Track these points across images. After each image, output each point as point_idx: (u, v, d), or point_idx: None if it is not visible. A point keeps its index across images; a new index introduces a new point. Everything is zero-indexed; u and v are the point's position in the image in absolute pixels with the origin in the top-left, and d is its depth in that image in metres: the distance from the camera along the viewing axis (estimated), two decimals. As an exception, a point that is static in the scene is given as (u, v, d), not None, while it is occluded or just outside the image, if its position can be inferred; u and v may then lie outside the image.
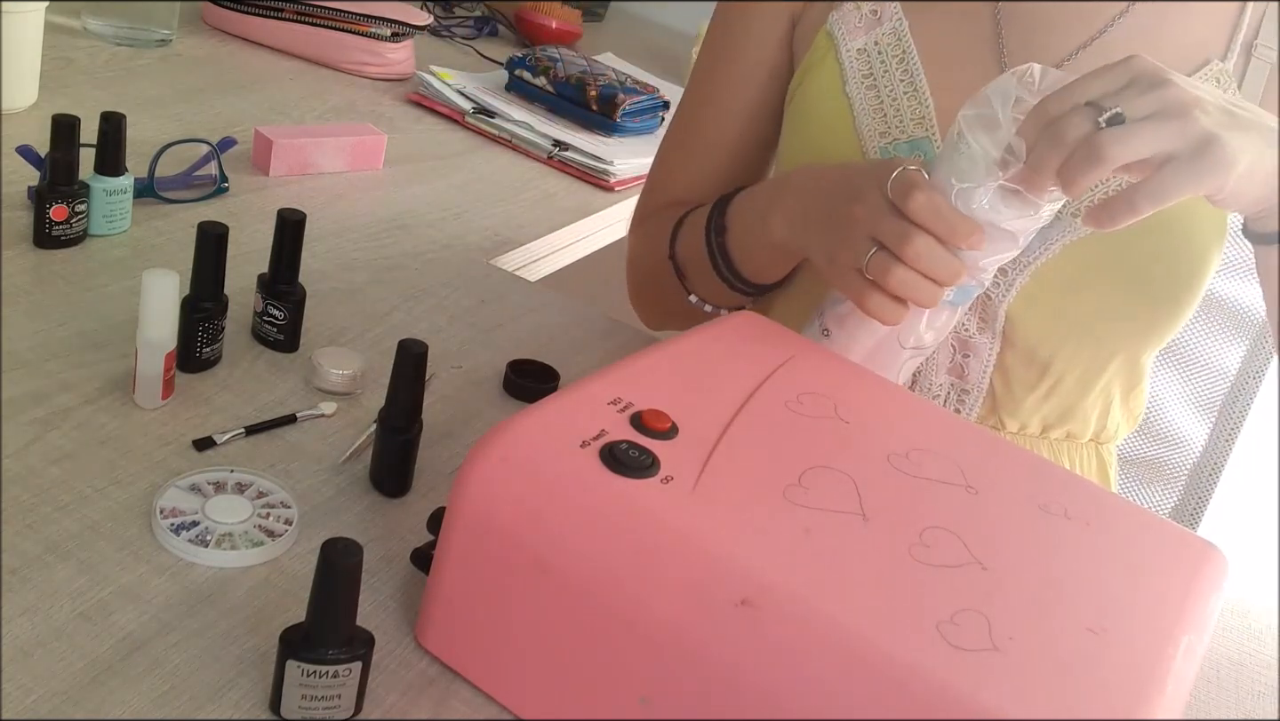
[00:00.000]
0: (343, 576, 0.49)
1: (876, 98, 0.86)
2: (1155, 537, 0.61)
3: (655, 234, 0.96)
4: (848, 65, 0.88)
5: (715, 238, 0.87)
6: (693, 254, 0.90)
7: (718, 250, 0.87)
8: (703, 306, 0.92)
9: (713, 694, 0.49)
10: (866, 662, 0.46)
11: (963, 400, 0.88)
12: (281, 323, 0.79)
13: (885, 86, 0.86)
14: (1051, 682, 0.47)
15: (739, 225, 0.86)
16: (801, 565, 0.50)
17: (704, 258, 0.88)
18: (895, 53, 0.87)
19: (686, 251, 0.91)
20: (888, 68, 0.87)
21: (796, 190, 0.80)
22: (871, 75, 0.87)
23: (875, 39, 0.87)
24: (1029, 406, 0.87)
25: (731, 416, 0.59)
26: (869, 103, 0.86)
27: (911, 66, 0.86)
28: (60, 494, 0.62)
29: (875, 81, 0.87)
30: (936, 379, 0.87)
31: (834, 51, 0.89)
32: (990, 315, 0.83)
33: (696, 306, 0.92)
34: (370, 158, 1.16)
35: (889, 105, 0.86)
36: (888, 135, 0.85)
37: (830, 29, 0.89)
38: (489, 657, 0.55)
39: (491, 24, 1.77)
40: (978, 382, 0.87)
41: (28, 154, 0.90)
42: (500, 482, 0.53)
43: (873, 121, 0.86)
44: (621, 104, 1.40)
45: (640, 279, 1.02)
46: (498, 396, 0.83)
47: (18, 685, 0.51)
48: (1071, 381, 0.86)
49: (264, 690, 0.54)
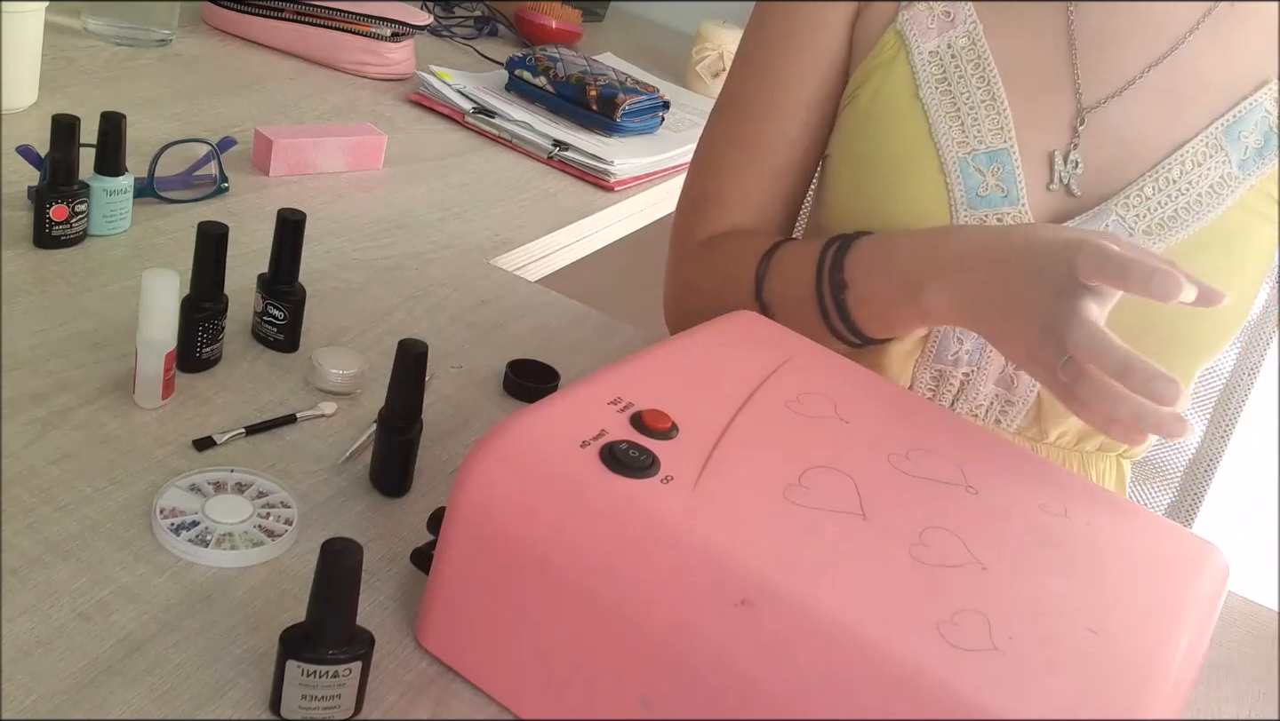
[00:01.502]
0: (343, 576, 0.49)
1: (953, 104, 0.84)
2: (1155, 537, 0.61)
3: (722, 266, 0.89)
4: (920, 69, 0.85)
5: (834, 294, 0.80)
6: (792, 301, 0.83)
7: (835, 307, 0.80)
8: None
9: (713, 694, 0.49)
10: (866, 662, 0.46)
11: (1006, 411, 0.87)
12: (281, 323, 0.79)
13: (961, 93, 0.84)
14: (1051, 682, 0.47)
15: (869, 284, 0.79)
16: (801, 565, 0.50)
17: (812, 309, 0.82)
18: (970, 57, 0.84)
19: (781, 297, 0.84)
20: (963, 74, 0.84)
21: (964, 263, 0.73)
22: (946, 81, 0.84)
23: (949, 41, 0.85)
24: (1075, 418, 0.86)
25: (731, 416, 0.59)
26: (945, 109, 0.84)
27: (988, 74, 0.83)
28: (60, 494, 0.62)
29: (950, 87, 0.84)
30: (984, 389, 0.86)
31: (905, 53, 0.85)
32: None
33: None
34: (370, 158, 1.16)
35: (966, 113, 0.83)
36: (966, 145, 0.83)
37: (900, 29, 0.86)
38: (489, 657, 0.55)
39: (491, 24, 1.77)
40: (1024, 396, 0.85)
41: (28, 154, 0.90)
42: (500, 482, 0.53)
43: (950, 130, 0.83)
44: (621, 104, 1.40)
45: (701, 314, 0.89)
46: (498, 396, 0.83)
47: (18, 685, 0.51)
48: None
49: (264, 690, 0.54)
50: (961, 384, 0.86)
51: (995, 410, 0.87)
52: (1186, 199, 0.82)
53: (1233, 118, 0.83)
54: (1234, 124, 0.83)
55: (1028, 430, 0.88)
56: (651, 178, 1.38)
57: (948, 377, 0.86)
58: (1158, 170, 0.82)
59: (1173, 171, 0.82)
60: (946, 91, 0.84)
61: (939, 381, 0.87)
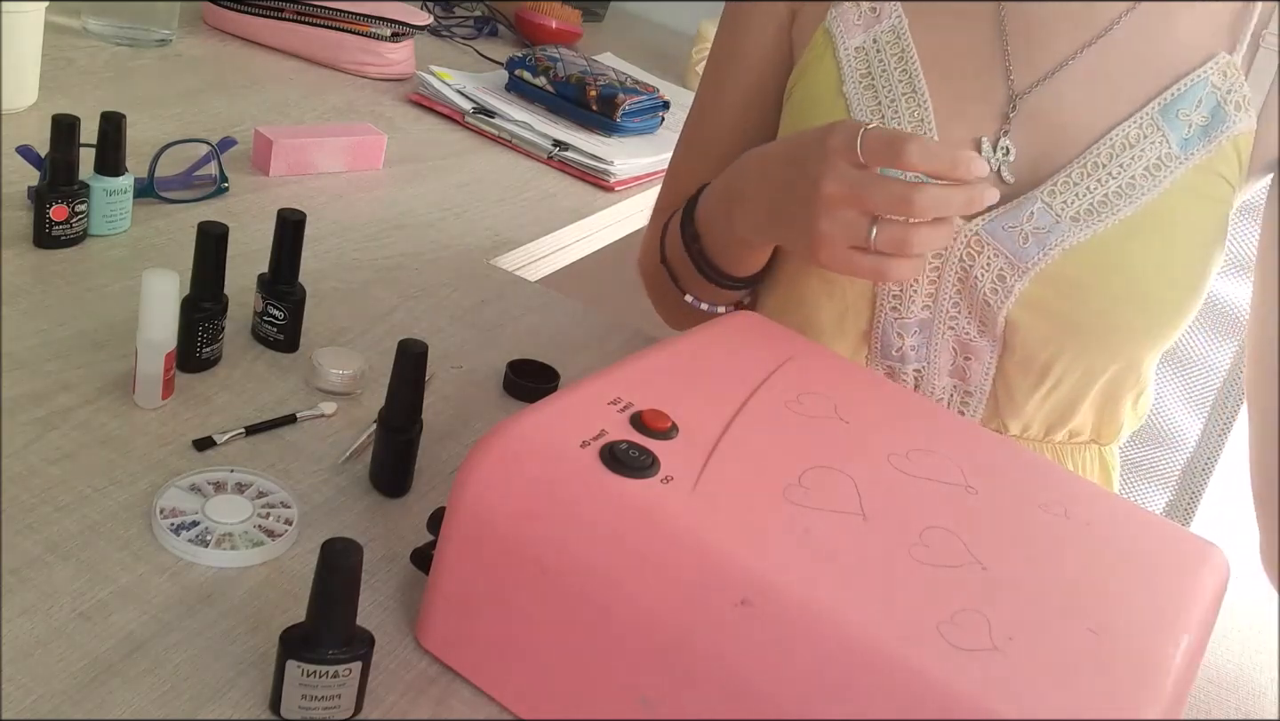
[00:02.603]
0: (343, 576, 0.49)
1: (874, 99, 0.86)
2: (1155, 537, 0.61)
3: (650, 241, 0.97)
4: (845, 64, 0.87)
5: (692, 244, 0.88)
6: (678, 257, 0.91)
7: (697, 255, 0.88)
8: (698, 305, 0.92)
9: (713, 694, 0.49)
10: (866, 662, 0.46)
11: (966, 402, 0.88)
12: (281, 323, 0.79)
13: (884, 87, 0.85)
14: (1051, 682, 0.47)
15: (709, 228, 0.87)
16: (801, 565, 0.50)
17: (688, 262, 0.89)
18: (894, 52, 0.86)
19: (673, 255, 0.92)
20: (886, 68, 0.86)
21: (750, 180, 0.80)
22: (870, 75, 0.86)
23: (874, 36, 0.87)
24: (1030, 409, 0.87)
25: (731, 416, 0.59)
26: (867, 103, 0.86)
27: (910, 67, 0.85)
28: (60, 494, 0.62)
29: (874, 81, 0.86)
30: (939, 381, 0.87)
31: (832, 50, 0.88)
32: (990, 319, 0.83)
33: (693, 306, 0.92)
34: (370, 158, 1.16)
35: (887, 106, 0.85)
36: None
37: (829, 26, 0.88)
38: (489, 657, 0.55)
39: (491, 24, 1.77)
40: (979, 385, 0.86)
41: (28, 154, 0.90)
42: (500, 482, 0.53)
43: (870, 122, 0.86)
44: (621, 104, 1.40)
45: (647, 279, 1.02)
46: (498, 396, 0.83)
47: (18, 685, 0.51)
48: (1071, 385, 0.86)
49: (264, 690, 0.54)
50: (916, 381, 0.88)
51: (956, 402, 0.88)
52: (1118, 182, 0.80)
53: (1170, 97, 0.81)
54: (1172, 103, 0.81)
55: (989, 423, 0.89)
56: (651, 178, 1.38)
57: (899, 376, 0.88)
58: (1085, 155, 0.81)
59: (1101, 155, 0.81)
60: (870, 86, 0.86)
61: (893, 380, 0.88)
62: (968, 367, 0.86)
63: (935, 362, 0.86)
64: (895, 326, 0.85)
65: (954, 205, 0.68)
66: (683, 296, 0.92)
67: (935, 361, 0.86)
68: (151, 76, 1.23)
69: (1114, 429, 0.92)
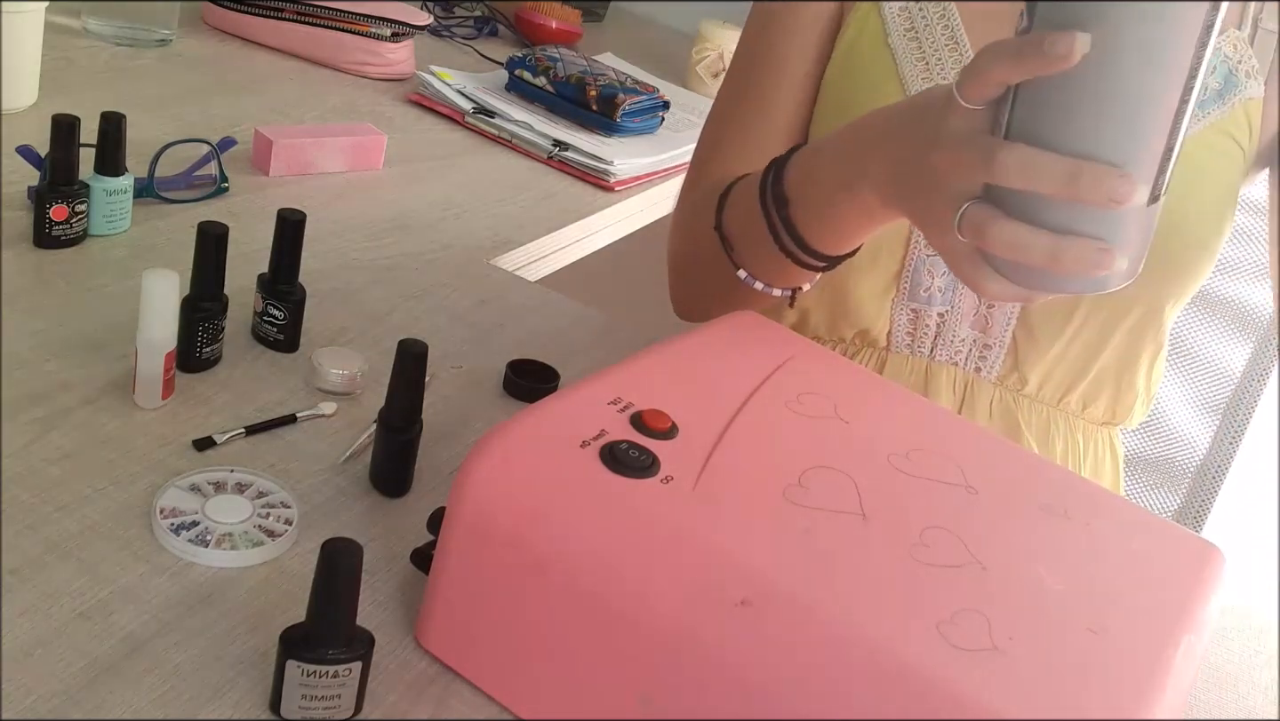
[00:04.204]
0: (343, 576, 0.49)
1: (919, 48, 0.90)
2: (1155, 537, 0.61)
3: (702, 206, 0.89)
4: (890, 20, 0.91)
5: (778, 211, 0.79)
6: (745, 228, 0.82)
7: (782, 225, 0.78)
8: (752, 283, 0.83)
9: (713, 693, 0.49)
10: (866, 662, 0.46)
11: (984, 356, 0.91)
12: (281, 323, 0.79)
13: (927, 39, 0.90)
14: (1051, 682, 0.47)
15: (808, 195, 0.77)
16: (801, 565, 0.50)
17: (761, 232, 0.80)
18: (936, 10, 0.91)
19: (736, 225, 0.84)
20: (929, 22, 0.90)
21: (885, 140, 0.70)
22: (914, 29, 0.91)
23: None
24: (1052, 356, 0.90)
25: (731, 416, 0.59)
26: (912, 52, 0.90)
27: (952, 21, 0.90)
28: (60, 494, 0.62)
29: (918, 34, 0.90)
30: (960, 333, 0.90)
31: (878, 9, 0.92)
32: None
33: (745, 283, 0.83)
34: (370, 158, 1.16)
35: (930, 54, 0.89)
36: (930, 80, 0.89)
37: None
38: (489, 657, 0.55)
39: (491, 24, 1.77)
40: (999, 337, 0.90)
41: (28, 154, 0.90)
42: (500, 482, 0.53)
43: (916, 70, 0.90)
44: (622, 104, 1.40)
45: (682, 256, 0.96)
46: (498, 396, 0.83)
47: (18, 685, 0.51)
48: (1095, 329, 0.89)
49: (264, 690, 0.54)
50: (938, 327, 0.90)
51: (974, 356, 0.91)
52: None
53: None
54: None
55: (1007, 378, 0.92)
56: (651, 178, 1.38)
57: (923, 319, 0.91)
58: None
59: None
60: (914, 38, 0.91)
61: (915, 324, 0.92)
62: (990, 316, 0.89)
63: (960, 306, 0.89)
64: (927, 264, 0.89)
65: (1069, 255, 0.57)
66: (735, 271, 0.86)
67: (960, 305, 0.89)
68: (151, 76, 1.23)
69: (1129, 400, 0.94)
